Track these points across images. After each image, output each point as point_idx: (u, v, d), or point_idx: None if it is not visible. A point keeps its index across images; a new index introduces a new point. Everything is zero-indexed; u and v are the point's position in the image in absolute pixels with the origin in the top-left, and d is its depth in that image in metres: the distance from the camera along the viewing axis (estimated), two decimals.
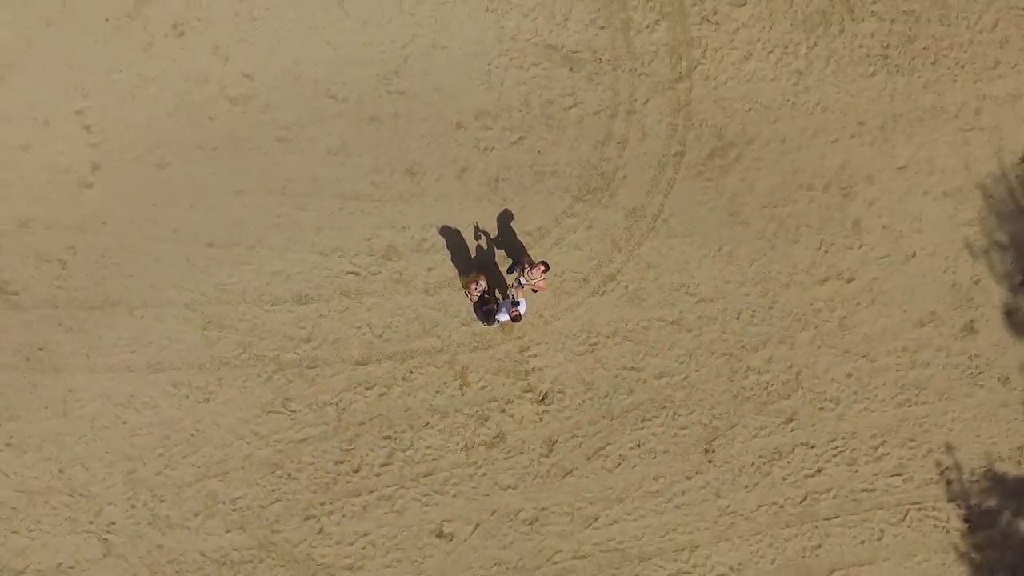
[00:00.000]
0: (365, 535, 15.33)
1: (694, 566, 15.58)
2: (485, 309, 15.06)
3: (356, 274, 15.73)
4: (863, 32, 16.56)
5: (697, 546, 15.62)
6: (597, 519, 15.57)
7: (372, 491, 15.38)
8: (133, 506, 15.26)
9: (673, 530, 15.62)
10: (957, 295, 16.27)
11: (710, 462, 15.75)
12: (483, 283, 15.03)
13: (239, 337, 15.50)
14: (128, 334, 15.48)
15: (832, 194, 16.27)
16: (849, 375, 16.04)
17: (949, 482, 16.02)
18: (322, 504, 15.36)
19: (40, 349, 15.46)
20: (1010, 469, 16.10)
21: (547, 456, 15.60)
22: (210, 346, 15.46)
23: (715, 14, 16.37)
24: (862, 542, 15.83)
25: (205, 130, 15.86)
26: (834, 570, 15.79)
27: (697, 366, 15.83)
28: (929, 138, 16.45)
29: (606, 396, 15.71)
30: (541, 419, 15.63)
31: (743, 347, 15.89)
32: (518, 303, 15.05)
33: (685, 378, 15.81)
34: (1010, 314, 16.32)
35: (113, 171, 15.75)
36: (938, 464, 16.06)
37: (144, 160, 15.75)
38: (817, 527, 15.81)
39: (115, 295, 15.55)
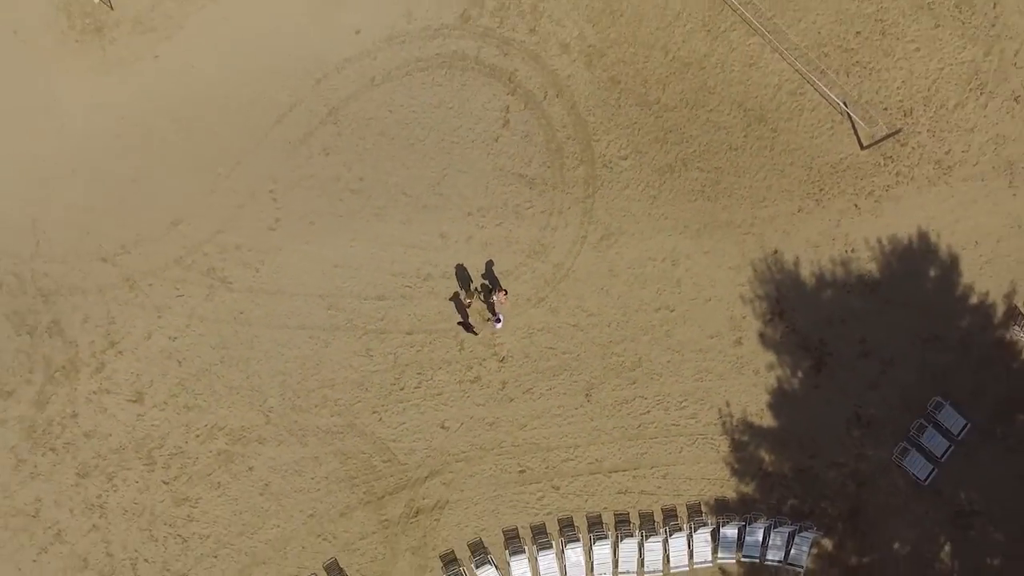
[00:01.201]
0: (403, 424, 28.97)
1: (576, 456, 28.97)
2: (464, 325, 28.88)
3: (410, 287, 29.61)
4: (692, 177, 30.27)
5: (578, 446, 29.02)
6: (525, 426, 29.09)
7: (409, 400, 29.08)
8: (283, 398, 29.04)
9: (565, 436, 29.06)
10: (733, 323, 29.68)
11: (589, 401, 29.26)
12: (472, 303, 28.83)
13: (346, 315, 29.41)
14: (289, 309, 29.40)
15: (666, 264, 29.80)
16: (668, 361, 29.43)
17: (722, 424, 29.37)
18: (382, 405, 29.02)
19: (240, 312, 29.36)
20: (755, 421, 29.33)
21: (502, 390, 29.22)
22: (330, 318, 29.36)
23: (610, 162, 30.31)
24: (670, 453, 29.02)
25: (335, 207, 29.90)
26: (653, 466, 29.09)
27: (584, 350, 29.38)
28: (723, 237, 30.01)
29: (535, 361, 29.29)
30: (500, 370, 29.26)
31: (610, 341, 29.44)
32: (499, 316, 28.87)
33: (578, 356, 29.38)
34: (762, 335, 29.59)
35: (288, 223, 29.75)
36: (716, 414, 29.33)
37: (305, 219, 29.81)
38: (645, 442, 29.10)
39: (283, 287, 29.48)
